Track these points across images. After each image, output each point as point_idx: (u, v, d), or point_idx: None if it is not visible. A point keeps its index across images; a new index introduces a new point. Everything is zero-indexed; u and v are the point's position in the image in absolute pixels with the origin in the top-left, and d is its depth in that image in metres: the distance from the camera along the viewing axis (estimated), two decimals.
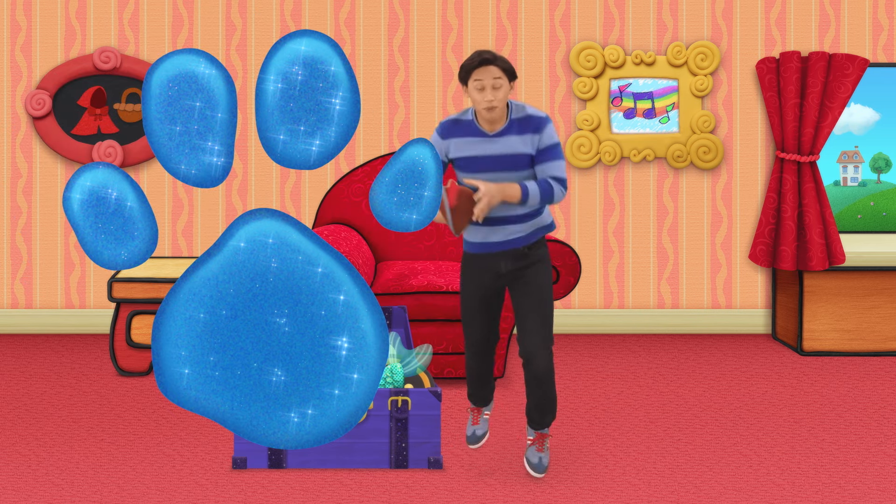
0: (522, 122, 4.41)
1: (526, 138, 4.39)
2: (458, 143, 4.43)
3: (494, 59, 4.35)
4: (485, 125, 4.40)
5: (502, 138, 4.39)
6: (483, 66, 4.33)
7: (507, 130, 4.40)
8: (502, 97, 4.35)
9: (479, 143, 4.41)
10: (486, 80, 4.32)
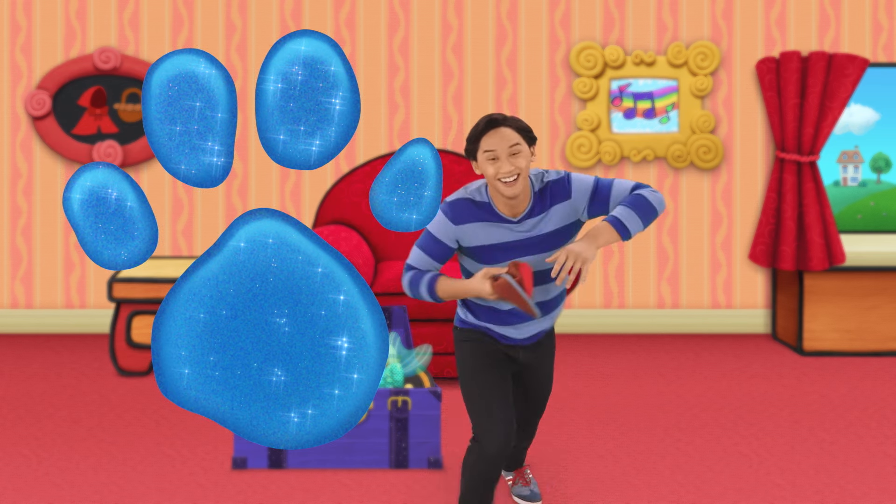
0: (547, 192, 3.61)
1: (561, 209, 3.60)
2: (475, 229, 3.60)
3: (505, 119, 3.52)
4: (504, 209, 3.58)
5: (531, 220, 3.59)
6: (492, 130, 3.51)
7: (535, 211, 3.60)
8: (524, 164, 3.49)
9: (503, 229, 3.59)
10: (500, 148, 3.49)
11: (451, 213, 3.59)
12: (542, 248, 3.60)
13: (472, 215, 3.59)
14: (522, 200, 3.57)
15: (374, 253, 6.47)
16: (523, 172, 3.49)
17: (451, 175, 6.50)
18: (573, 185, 3.59)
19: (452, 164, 6.54)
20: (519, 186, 3.50)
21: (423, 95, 7.01)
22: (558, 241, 3.59)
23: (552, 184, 3.60)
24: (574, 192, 3.58)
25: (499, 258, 3.61)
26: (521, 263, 3.52)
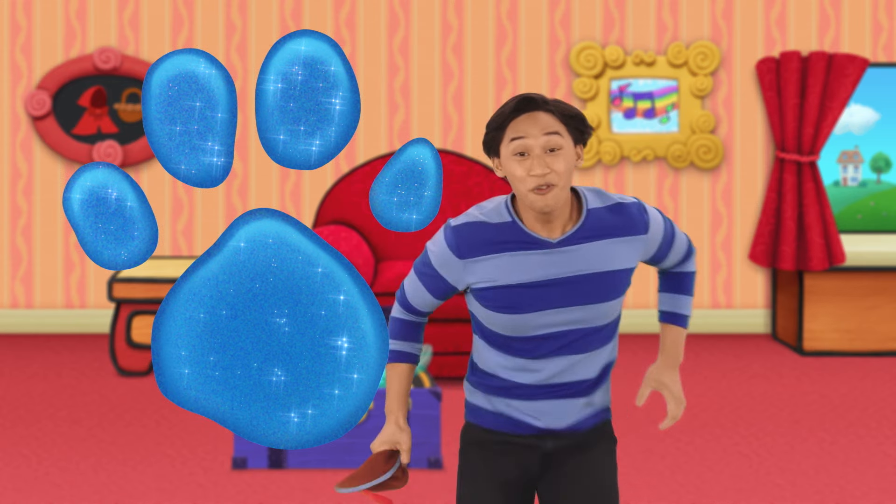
0: (608, 215, 2.61)
1: (627, 246, 2.60)
2: (491, 264, 2.56)
3: (545, 100, 2.53)
4: (536, 225, 2.56)
5: (575, 247, 2.56)
6: (525, 115, 2.51)
7: (586, 234, 2.58)
8: (563, 168, 2.50)
9: (532, 257, 2.55)
10: (533, 138, 2.49)
11: (456, 242, 2.58)
12: (585, 297, 2.59)
13: (486, 245, 2.58)
14: (564, 216, 2.58)
15: (374, 253, 6.47)
16: (563, 178, 2.51)
17: (451, 175, 6.50)
18: (650, 217, 2.65)
19: (452, 165, 6.55)
20: (556, 198, 2.50)
21: (423, 95, 7.01)
22: (609, 291, 2.61)
23: (619, 207, 2.62)
24: (652, 228, 2.65)
25: (521, 306, 2.58)
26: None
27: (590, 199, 2.64)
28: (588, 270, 2.59)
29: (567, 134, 2.55)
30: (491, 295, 2.59)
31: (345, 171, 6.91)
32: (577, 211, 2.62)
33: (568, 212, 2.60)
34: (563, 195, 2.54)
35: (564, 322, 2.61)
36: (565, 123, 2.55)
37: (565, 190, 2.55)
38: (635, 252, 2.66)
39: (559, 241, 2.58)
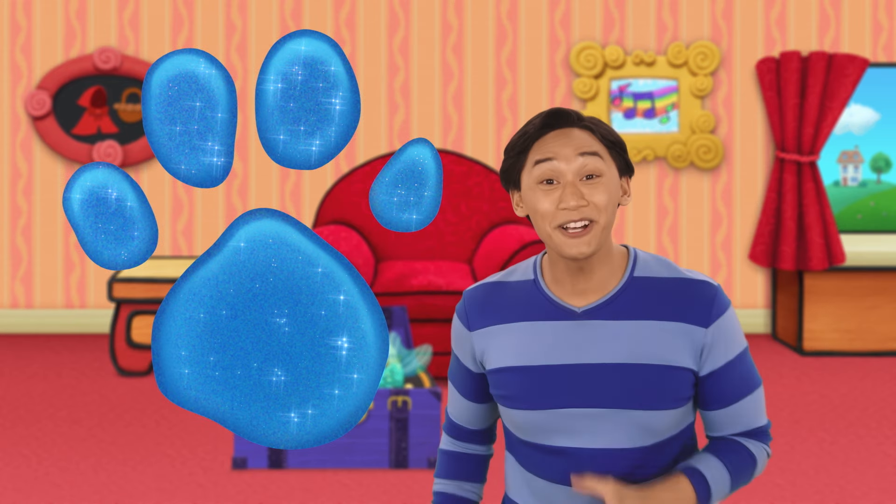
0: (663, 288, 1.97)
1: (676, 332, 1.94)
2: (501, 333, 2.01)
3: (580, 117, 1.98)
4: (563, 286, 1.98)
5: (603, 323, 1.95)
6: (555, 132, 1.95)
7: (619, 304, 1.96)
8: (605, 200, 1.92)
9: (548, 333, 1.97)
10: (565, 160, 1.92)
11: (465, 309, 2.06)
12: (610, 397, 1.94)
13: (497, 311, 2.02)
14: (604, 276, 1.97)
15: (374, 253, 6.47)
16: (604, 215, 1.91)
17: (451, 175, 6.50)
18: (723, 311, 1.97)
19: (452, 165, 6.55)
20: (595, 241, 1.91)
21: (423, 95, 7.01)
22: (649, 395, 1.94)
23: (683, 283, 1.97)
24: (719, 326, 1.96)
25: (530, 398, 1.97)
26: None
27: (641, 262, 2.00)
28: (617, 359, 1.93)
29: (609, 159, 1.96)
30: (498, 380, 2.01)
31: (345, 171, 6.92)
32: (615, 274, 1.98)
33: (610, 271, 1.97)
34: (605, 239, 1.93)
35: (588, 431, 1.94)
36: (607, 146, 1.97)
37: (607, 232, 1.93)
38: (690, 349, 1.94)
39: (584, 311, 1.95)
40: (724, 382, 2.00)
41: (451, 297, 5.76)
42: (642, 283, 1.99)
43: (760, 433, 2.06)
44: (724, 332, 1.98)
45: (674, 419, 1.98)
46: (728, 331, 1.98)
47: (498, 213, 6.53)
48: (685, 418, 2.02)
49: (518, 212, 2.02)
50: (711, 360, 1.98)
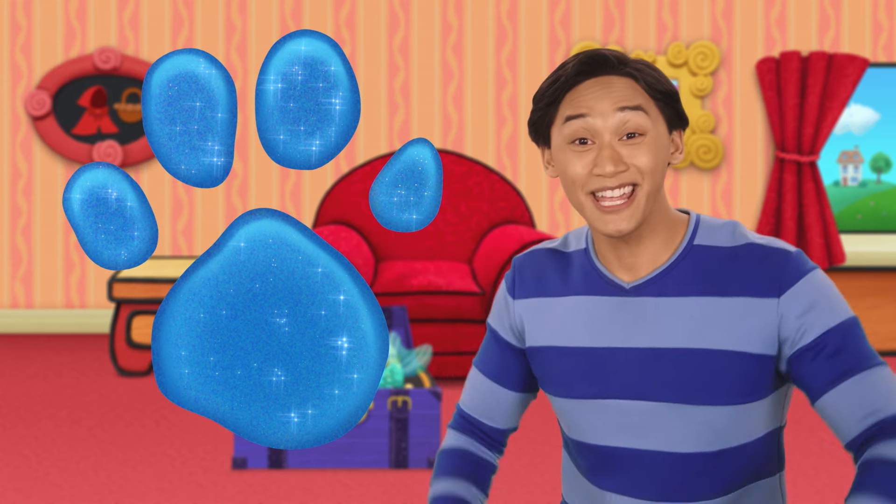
0: (727, 259, 1.66)
1: (743, 308, 1.63)
2: (545, 307, 1.77)
3: (623, 61, 1.67)
4: (611, 257, 1.71)
5: (656, 301, 1.67)
6: (591, 80, 1.66)
7: (674, 278, 1.67)
8: (649, 163, 1.63)
9: (596, 309, 1.71)
10: (600, 116, 1.64)
11: (512, 276, 1.82)
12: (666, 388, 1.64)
13: (545, 281, 1.77)
14: (657, 245, 1.68)
15: (374, 253, 6.47)
16: (648, 179, 1.63)
17: (451, 175, 6.50)
18: (803, 276, 1.62)
19: (452, 164, 6.54)
20: (637, 213, 1.63)
21: (423, 95, 7.01)
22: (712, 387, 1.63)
23: (751, 249, 1.65)
24: (795, 292, 1.61)
25: (574, 384, 1.71)
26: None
27: (704, 229, 1.69)
28: (671, 343, 1.62)
29: (657, 112, 1.66)
30: (537, 360, 1.76)
31: (345, 171, 6.91)
32: (669, 243, 1.68)
33: (663, 242, 1.68)
34: (649, 208, 1.64)
35: (636, 429, 1.63)
36: (653, 97, 1.66)
37: (654, 198, 1.64)
38: (759, 329, 1.60)
39: (634, 287, 1.67)
40: (825, 357, 1.58)
41: (451, 297, 5.76)
42: (703, 252, 1.65)
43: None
44: (810, 297, 1.59)
45: (745, 420, 1.63)
46: (816, 296, 1.60)
47: (498, 213, 6.53)
48: (763, 422, 1.65)
49: (548, 172, 1.74)
50: (797, 333, 1.60)
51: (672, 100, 1.68)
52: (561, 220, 7.03)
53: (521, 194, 6.53)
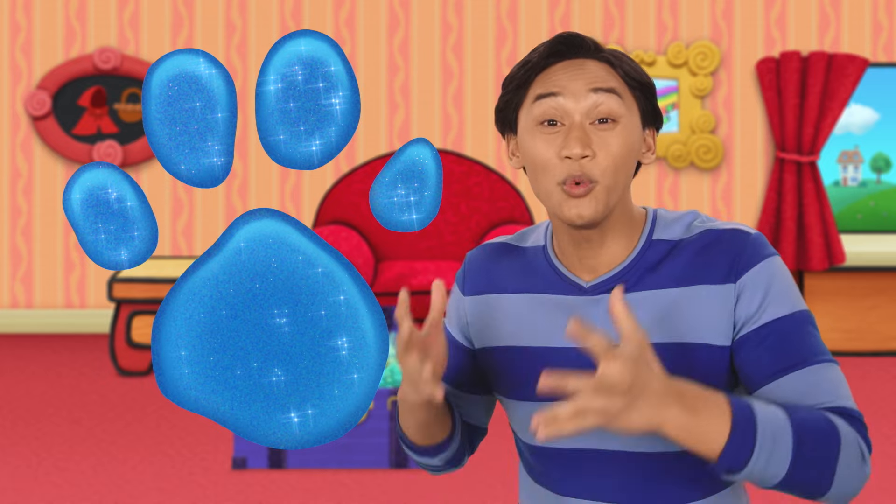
0: (686, 248, 1.59)
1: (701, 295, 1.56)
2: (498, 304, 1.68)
3: (599, 46, 1.61)
4: (571, 255, 1.64)
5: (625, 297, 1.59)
6: (565, 62, 1.59)
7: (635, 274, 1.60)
8: (618, 151, 1.56)
9: (553, 309, 1.63)
10: (572, 96, 1.56)
11: (464, 272, 1.74)
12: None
13: (498, 277, 1.69)
14: (620, 243, 1.62)
15: (374, 253, 6.47)
16: (613, 172, 1.56)
17: (451, 175, 6.50)
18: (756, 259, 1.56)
19: (452, 164, 6.54)
20: (600, 204, 1.56)
21: (423, 95, 7.01)
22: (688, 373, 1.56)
23: (709, 235, 1.59)
24: (748, 278, 1.55)
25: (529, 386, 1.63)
26: None
27: (661, 223, 1.62)
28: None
29: (631, 100, 1.58)
30: (488, 361, 1.68)
31: (345, 171, 6.92)
32: (629, 239, 1.61)
33: (625, 244, 1.61)
34: (613, 200, 1.57)
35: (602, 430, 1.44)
36: (629, 85, 1.58)
37: (617, 192, 1.57)
38: (720, 318, 1.54)
39: (592, 286, 1.60)
40: (768, 346, 1.50)
41: None
42: (663, 246, 1.59)
43: (846, 414, 1.49)
44: (764, 283, 1.53)
45: None
46: (770, 282, 1.53)
47: (498, 213, 6.53)
48: None
49: (512, 163, 1.65)
50: (746, 317, 1.53)
51: (649, 92, 1.61)
52: None
53: (521, 194, 6.53)
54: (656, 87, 1.62)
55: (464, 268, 1.73)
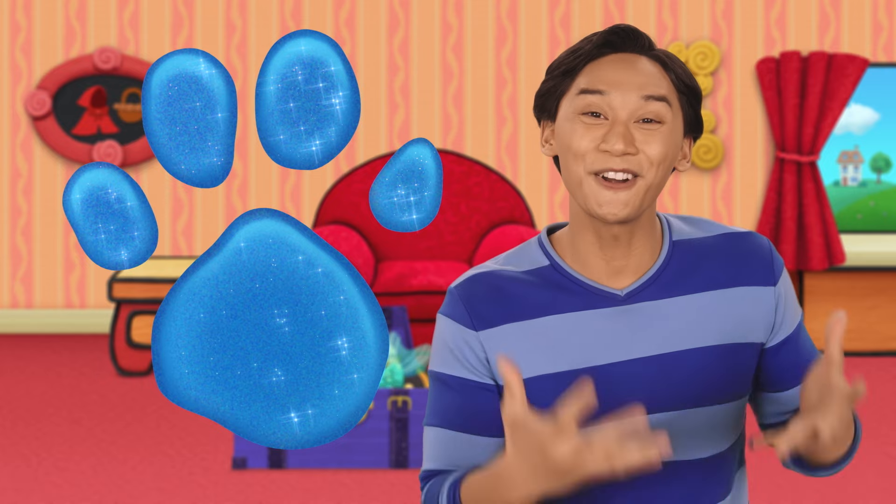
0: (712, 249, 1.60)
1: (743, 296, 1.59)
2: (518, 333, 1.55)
3: (650, 44, 1.58)
4: (590, 265, 1.57)
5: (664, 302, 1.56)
6: (617, 56, 1.55)
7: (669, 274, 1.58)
8: (660, 153, 1.51)
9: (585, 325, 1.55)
10: (620, 93, 1.51)
11: (464, 306, 1.58)
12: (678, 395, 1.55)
13: (508, 304, 1.57)
14: (645, 249, 1.58)
15: (374, 253, 6.47)
16: (654, 172, 1.52)
17: (451, 175, 6.50)
18: (782, 265, 1.62)
19: (452, 164, 6.54)
20: (637, 200, 1.52)
21: (423, 95, 7.01)
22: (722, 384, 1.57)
23: (732, 237, 1.61)
24: (783, 282, 1.63)
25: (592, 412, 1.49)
26: None
27: (675, 225, 1.60)
28: (682, 345, 1.53)
29: (678, 107, 1.55)
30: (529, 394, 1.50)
31: (345, 171, 6.92)
32: (653, 246, 1.58)
33: (651, 246, 1.57)
34: (649, 201, 1.52)
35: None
36: (679, 91, 1.55)
37: (654, 192, 1.52)
38: (763, 317, 1.58)
39: (628, 294, 1.55)
40: (800, 350, 1.60)
41: None
42: (685, 247, 1.57)
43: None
44: (787, 287, 1.62)
45: (742, 409, 1.62)
46: (790, 289, 1.63)
47: (498, 213, 6.53)
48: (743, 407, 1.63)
49: (544, 150, 1.59)
50: (784, 323, 1.60)
51: (695, 99, 1.59)
52: (561, 219, 7.02)
53: (521, 194, 6.53)
54: (702, 94, 1.60)
55: (462, 304, 1.57)
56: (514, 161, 6.98)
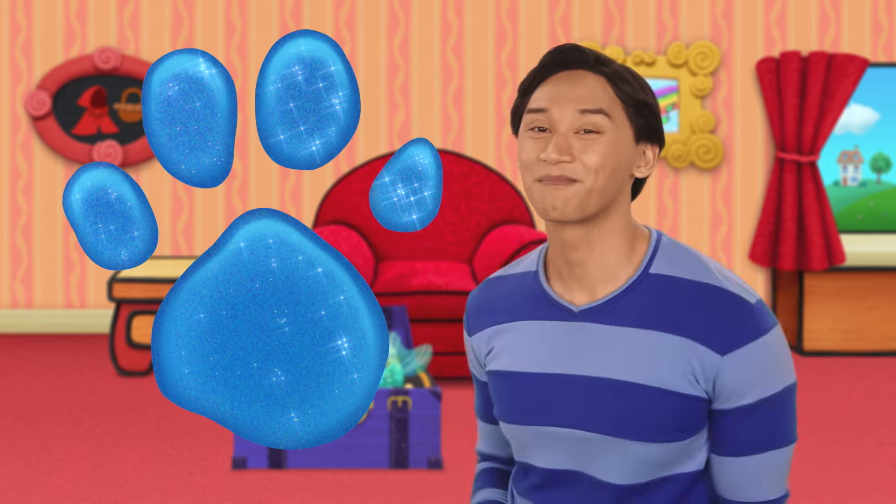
0: (681, 294, 1.62)
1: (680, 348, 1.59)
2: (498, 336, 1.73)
3: (601, 59, 1.65)
4: (560, 279, 1.68)
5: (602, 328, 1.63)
6: (564, 73, 1.65)
7: (625, 305, 1.62)
8: (597, 161, 1.59)
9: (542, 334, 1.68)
10: (559, 107, 1.62)
11: (466, 314, 1.81)
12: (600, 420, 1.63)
13: (495, 310, 1.74)
14: (603, 263, 1.64)
15: (374, 253, 6.47)
16: (593, 177, 1.58)
17: (451, 175, 6.50)
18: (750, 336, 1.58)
19: (452, 164, 6.55)
20: (574, 198, 1.58)
21: (423, 95, 7.01)
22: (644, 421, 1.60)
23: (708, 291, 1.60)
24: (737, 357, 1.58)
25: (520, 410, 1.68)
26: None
27: (663, 254, 1.64)
28: (611, 374, 1.60)
29: (624, 117, 1.62)
30: (492, 384, 1.75)
31: (345, 171, 6.92)
32: (626, 262, 1.64)
33: (617, 259, 1.63)
34: (594, 204, 1.59)
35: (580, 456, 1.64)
36: (624, 102, 1.62)
37: (599, 197, 1.59)
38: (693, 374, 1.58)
39: (582, 311, 1.63)
40: (743, 426, 1.62)
41: (451, 297, 5.76)
42: (658, 281, 1.61)
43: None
44: (755, 362, 1.57)
45: (679, 454, 1.64)
46: (762, 360, 1.57)
47: (498, 212, 6.53)
48: (699, 451, 1.67)
49: (519, 164, 1.71)
50: (729, 396, 1.60)
51: (646, 110, 1.65)
52: None
53: (521, 194, 6.53)
54: (659, 106, 1.67)
55: (466, 312, 1.82)
56: (514, 161, 6.98)
